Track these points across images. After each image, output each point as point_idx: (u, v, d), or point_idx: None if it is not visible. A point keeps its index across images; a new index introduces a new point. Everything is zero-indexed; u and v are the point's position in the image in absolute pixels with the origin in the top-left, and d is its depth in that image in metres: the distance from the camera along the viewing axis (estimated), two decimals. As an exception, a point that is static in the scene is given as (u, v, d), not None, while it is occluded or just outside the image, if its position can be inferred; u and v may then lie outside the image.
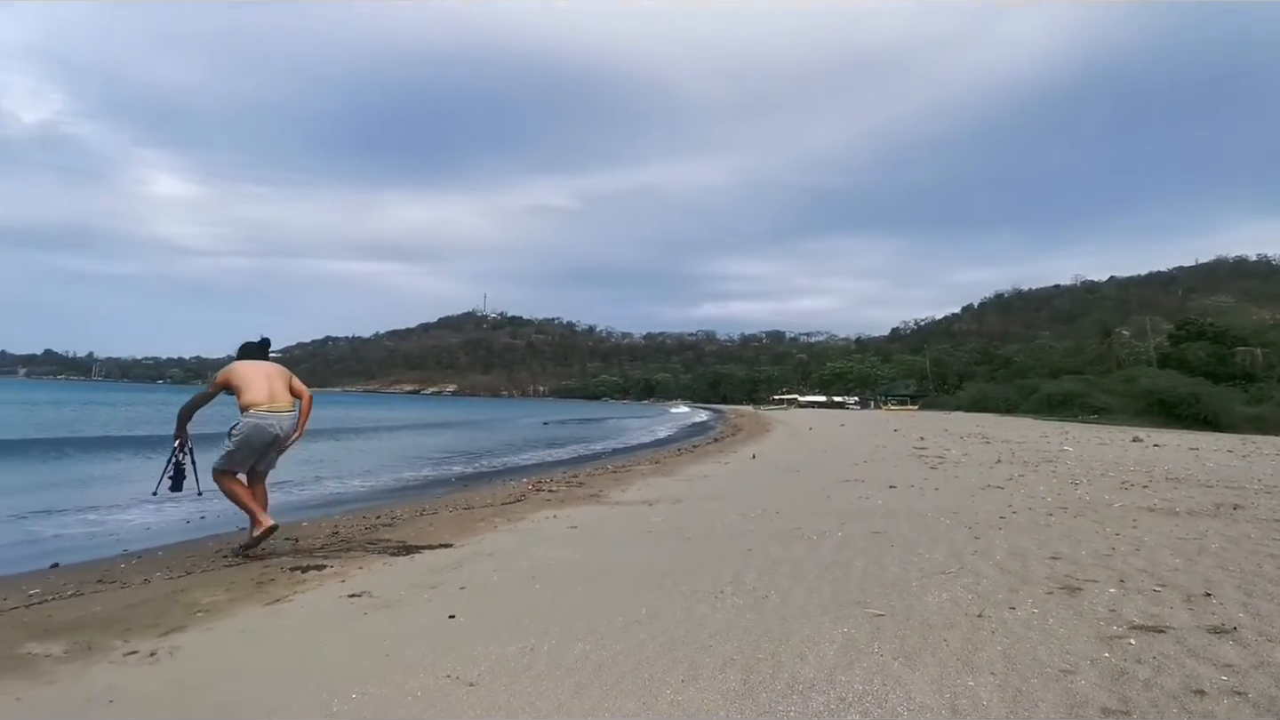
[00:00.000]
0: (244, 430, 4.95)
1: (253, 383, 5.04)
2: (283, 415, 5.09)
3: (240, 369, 5.13)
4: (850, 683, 2.46)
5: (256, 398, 4.98)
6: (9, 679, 2.75)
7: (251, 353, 5.42)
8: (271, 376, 5.17)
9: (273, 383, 5.13)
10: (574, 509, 7.18)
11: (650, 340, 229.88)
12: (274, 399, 5.06)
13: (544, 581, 4.06)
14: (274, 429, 5.02)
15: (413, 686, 2.46)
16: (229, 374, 5.11)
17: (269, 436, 5.03)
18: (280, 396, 5.13)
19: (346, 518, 7.44)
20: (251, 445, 5.01)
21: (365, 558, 4.98)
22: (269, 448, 5.14)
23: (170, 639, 3.18)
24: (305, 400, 5.31)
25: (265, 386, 5.06)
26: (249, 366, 5.18)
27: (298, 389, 5.30)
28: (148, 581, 4.60)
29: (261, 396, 5.01)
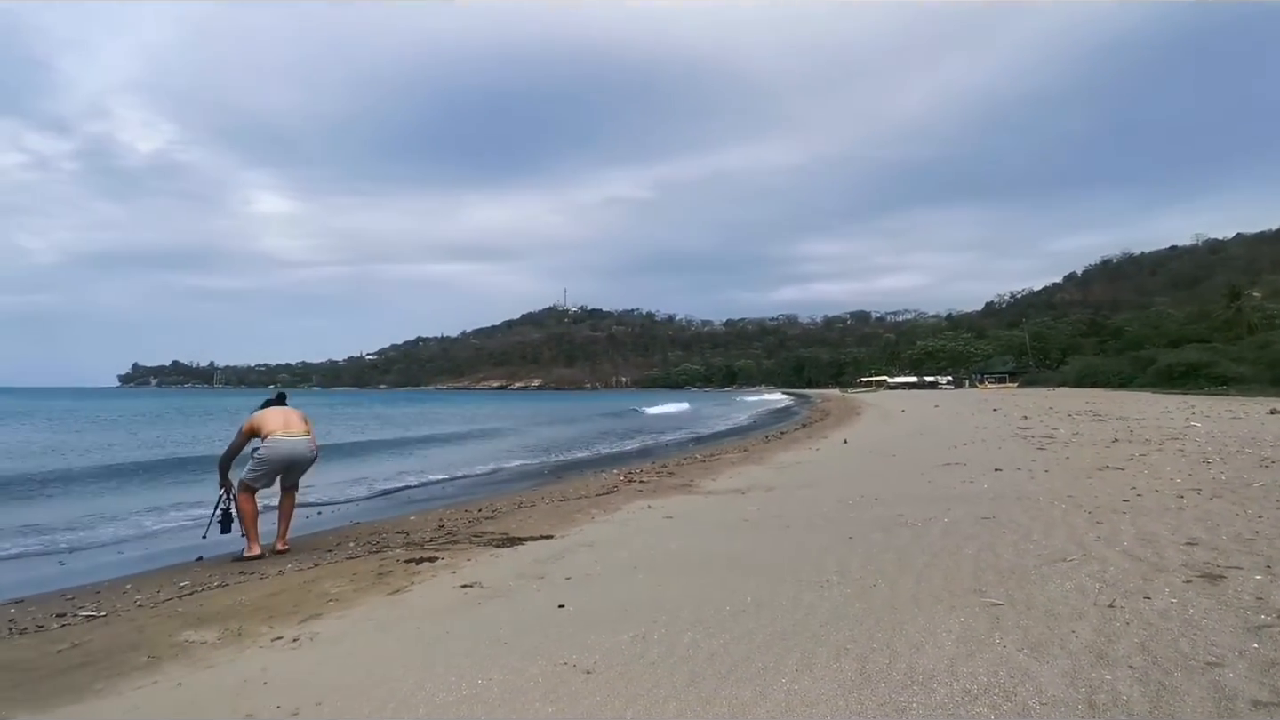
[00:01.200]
0: (264, 453, 5.85)
1: (270, 420, 5.98)
2: (296, 439, 5.98)
3: (261, 415, 6.05)
4: (974, 674, 2.38)
5: (273, 428, 5.92)
6: (170, 665, 3.05)
7: (271, 404, 6.29)
8: (287, 414, 6.10)
9: (287, 417, 6.07)
10: (667, 499, 7.24)
11: (731, 327, 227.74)
12: (288, 427, 5.99)
13: (646, 571, 4.13)
14: (288, 448, 5.93)
15: (533, 673, 2.56)
16: (253, 421, 5.99)
17: (284, 453, 5.91)
18: (294, 425, 6.04)
19: (450, 511, 7.80)
20: (271, 464, 5.89)
21: (472, 549, 5.21)
22: (287, 466, 6.00)
23: (309, 626, 3.44)
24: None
25: (281, 420, 6.01)
26: (269, 411, 6.10)
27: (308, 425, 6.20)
28: (281, 573, 4.98)
29: (277, 426, 5.94)
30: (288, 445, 5.88)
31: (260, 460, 5.81)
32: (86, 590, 4.95)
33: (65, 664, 3.19)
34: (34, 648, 3.54)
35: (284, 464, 5.93)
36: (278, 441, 5.82)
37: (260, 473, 5.84)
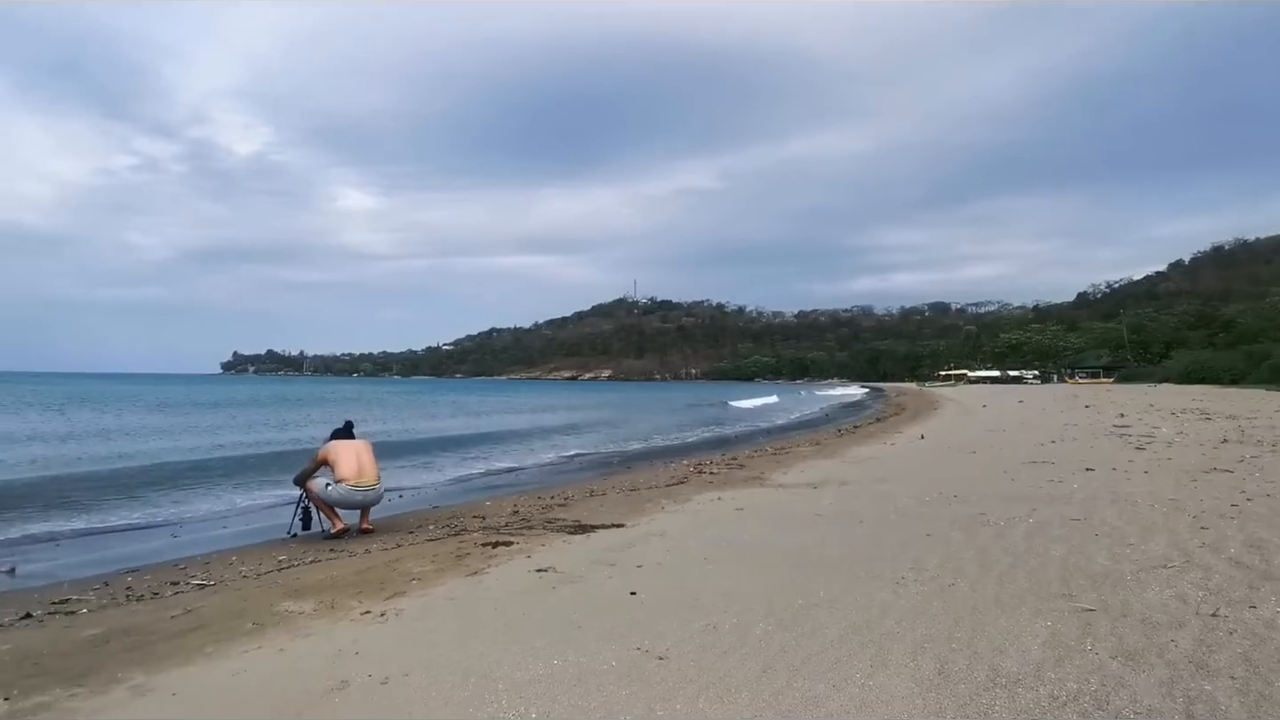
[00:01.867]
0: (336, 497, 6.17)
1: (344, 460, 6.24)
2: (367, 490, 6.26)
3: (335, 448, 6.35)
4: (1062, 680, 2.29)
5: (346, 473, 6.18)
6: (273, 632, 3.27)
7: (340, 434, 6.63)
8: (360, 452, 6.37)
9: (360, 458, 6.32)
10: (737, 491, 7.21)
11: (802, 318, 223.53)
12: (361, 474, 6.24)
13: (716, 562, 4.14)
14: (359, 499, 6.25)
15: (606, 656, 2.62)
16: (327, 452, 6.33)
17: (356, 502, 6.26)
18: (367, 471, 6.29)
19: (524, 497, 8.01)
20: (343, 506, 6.23)
21: (546, 535, 5.34)
22: (355, 509, 6.33)
23: (394, 602, 3.62)
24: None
25: (354, 464, 6.24)
26: (342, 445, 6.40)
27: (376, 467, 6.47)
28: (368, 552, 5.25)
29: (350, 472, 6.19)
30: (359, 497, 6.24)
31: (333, 500, 6.17)
32: (196, 561, 5.36)
33: (179, 628, 3.47)
34: (150, 613, 3.86)
35: (355, 508, 6.29)
36: (350, 493, 6.17)
37: (329, 502, 6.19)
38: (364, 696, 2.37)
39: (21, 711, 2.44)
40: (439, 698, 2.32)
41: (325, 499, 6.14)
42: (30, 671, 2.90)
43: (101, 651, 3.13)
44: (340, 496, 6.15)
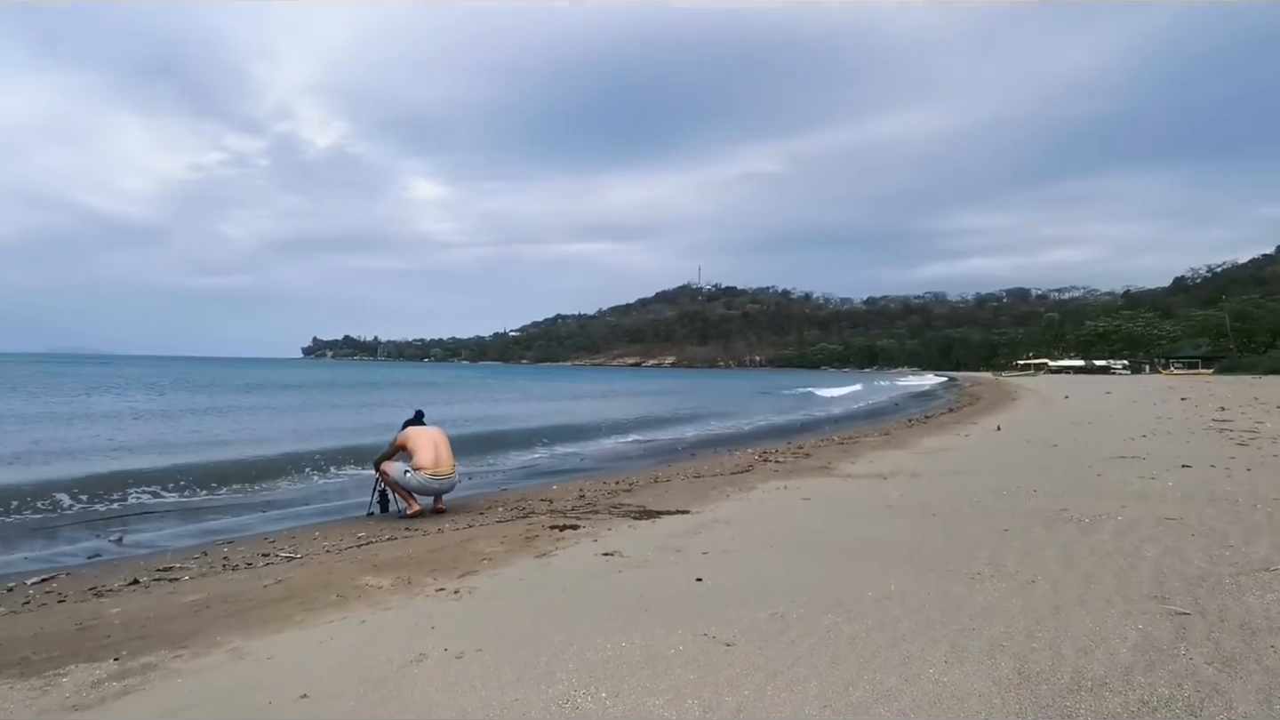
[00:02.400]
0: (415, 484, 6.37)
1: (422, 448, 6.45)
2: (444, 479, 6.49)
3: (412, 435, 6.57)
4: (1153, 685, 2.17)
5: (424, 462, 6.38)
6: (354, 605, 3.44)
7: (414, 422, 6.84)
8: (437, 442, 6.57)
9: (438, 448, 6.52)
10: (804, 480, 7.12)
11: (871, 305, 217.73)
12: (439, 463, 6.44)
13: (783, 551, 4.10)
14: (436, 487, 6.48)
15: (673, 641, 2.64)
16: (405, 439, 6.55)
17: (433, 489, 6.49)
18: (444, 460, 6.49)
19: (589, 482, 8.12)
20: (421, 492, 6.46)
21: (611, 520, 5.41)
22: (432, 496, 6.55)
23: (467, 580, 3.74)
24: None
25: (432, 453, 6.45)
26: (419, 432, 6.61)
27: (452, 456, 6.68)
28: (441, 532, 5.44)
29: (428, 461, 6.39)
30: (436, 485, 6.45)
31: (412, 486, 6.39)
32: (283, 535, 5.68)
33: (270, 597, 3.69)
34: (244, 582, 4.12)
35: (432, 495, 6.52)
36: (427, 482, 6.38)
37: (411, 490, 6.42)
38: (441, 670, 2.47)
39: (130, 671, 2.65)
40: (511, 674, 2.39)
41: (403, 484, 6.37)
42: (138, 634, 3.15)
43: (202, 616, 3.36)
44: (418, 484, 6.35)
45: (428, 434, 6.62)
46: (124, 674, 2.61)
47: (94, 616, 3.47)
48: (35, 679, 2.61)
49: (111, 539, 5.82)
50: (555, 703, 2.16)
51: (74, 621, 3.41)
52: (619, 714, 2.08)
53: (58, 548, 5.60)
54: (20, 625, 3.44)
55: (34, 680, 2.59)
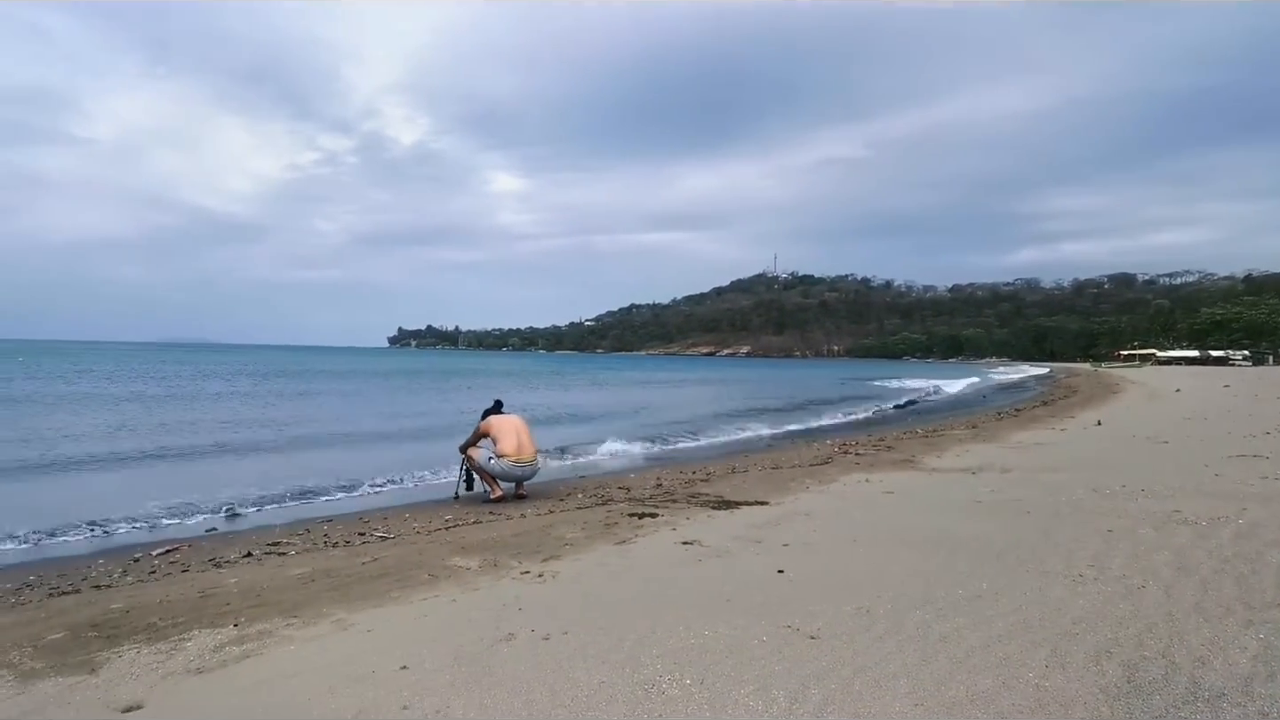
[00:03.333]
0: (498, 471, 6.57)
1: (505, 436, 6.64)
2: (526, 465, 6.63)
3: (495, 423, 6.78)
4: (1274, 697, 2.01)
5: (507, 449, 6.57)
6: (445, 584, 3.58)
7: (494, 410, 7.08)
8: (519, 430, 6.75)
9: (520, 436, 6.69)
10: (886, 473, 6.92)
11: (956, 293, 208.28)
12: (521, 450, 6.62)
13: (866, 545, 4.01)
14: (518, 473, 6.63)
15: (757, 631, 2.63)
16: (488, 426, 6.76)
17: (514, 477, 6.66)
18: (526, 448, 6.65)
19: (666, 471, 8.16)
20: (503, 479, 6.63)
21: (690, 509, 5.42)
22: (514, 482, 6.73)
23: (550, 564, 3.84)
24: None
25: (515, 441, 6.63)
26: (502, 421, 6.83)
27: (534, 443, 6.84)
28: (524, 516, 5.60)
29: (511, 448, 6.58)
30: (518, 472, 6.61)
31: (495, 472, 6.59)
32: (377, 516, 5.97)
33: (368, 573, 3.89)
34: (344, 559, 4.37)
35: (514, 481, 6.69)
36: (510, 468, 6.57)
37: (495, 475, 6.62)
38: (529, 650, 2.55)
39: (248, 637, 2.86)
40: (597, 657, 2.44)
41: (487, 470, 6.60)
42: (253, 602, 3.39)
43: (309, 589, 3.59)
44: (502, 470, 6.55)
45: (510, 422, 6.82)
46: (242, 639, 2.82)
47: (214, 585, 3.76)
48: (162, 643, 2.84)
49: (223, 514, 6.28)
50: (641, 687, 2.20)
51: (196, 590, 3.71)
52: (705, 701, 2.10)
53: (178, 521, 6.08)
54: (148, 593, 3.77)
55: (160, 644, 2.83)
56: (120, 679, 2.47)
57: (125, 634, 2.96)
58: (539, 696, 2.16)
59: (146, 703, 2.26)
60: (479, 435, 6.81)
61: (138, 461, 9.36)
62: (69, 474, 8.43)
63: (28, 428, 12.40)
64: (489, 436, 6.74)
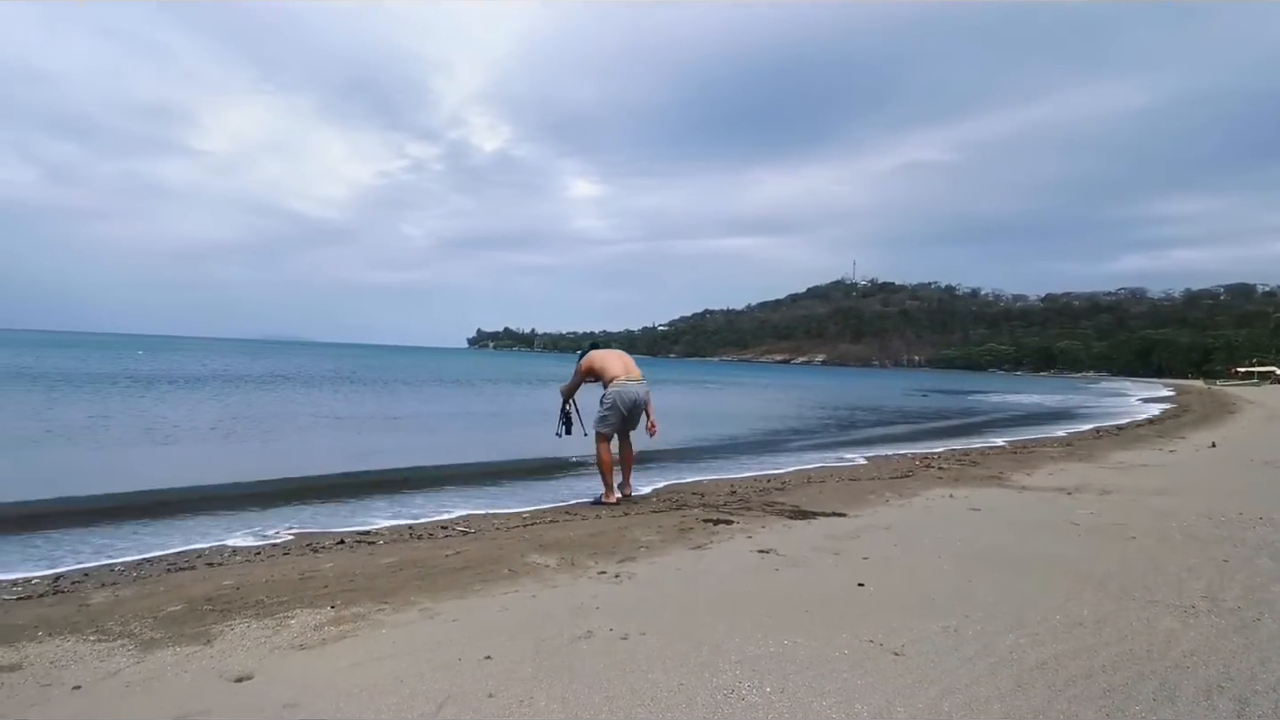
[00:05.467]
0: (611, 398, 6.33)
1: (610, 363, 6.47)
2: (638, 384, 6.41)
3: (596, 356, 6.56)
4: None
5: (616, 372, 6.39)
6: (524, 580, 3.68)
7: (597, 344, 6.88)
8: (621, 357, 6.57)
9: (624, 360, 6.53)
10: (971, 489, 6.64)
11: (1050, 302, 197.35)
12: (628, 371, 6.43)
13: (951, 563, 3.87)
14: (632, 392, 6.35)
15: (838, 644, 2.58)
16: (589, 361, 6.54)
17: (629, 400, 6.34)
18: (632, 369, 6.46)
19: (740, 479, 8.09)
20: (618, 409, 6.34)
21: (765, 518, 5.36)
22: (631, 409, 6.38)
23: (626, 566, 3.88)
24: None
25: (620, 364, 6.47)
26: (601, 353, 6.60)
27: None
28: (599, 518, 5.67)
29: (619, 371, 6.40)
30: (632, 390, 6.32)
31: (608, 404, 6.31)
32: (458, 511, 6.17)
33: (451, 566, 4.04)
34: (428, 550, 4.54)
35: (628, 407, 6.35)
36: (623, 386, 6.29)
37: (609, 417, 6.35)
38: (607, 648, 2.59)
39: (344, 619, 3.02)
40: (674, 660, 2.46)
41: (602, 421, 6.37)
42: (348, 587, 3.58)
43: (397, 577, 3.76)
44: (614, 396, 6.27)
45: (610, 352, 6.63)
46: (339, 620, 2.99)
47: (312, 569, 3.99)
48: (269, 619, 3.04)
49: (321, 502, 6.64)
50: (720, 692, 2.20)
51: (297, 572, 3.94)
52: (785, 710, 2.08)
53: (278, 508, 6.47)
54: (254, 573, 4.03)
55: (267, 620, 3.03)
56: (232, 650, 2.66)
57: (236, 609, 3.19)
58: (619, 693, 2.19)
59: (256, 674, 2.43)
60: (581, 375, 6.57)
61: (242, 450, 10.03)
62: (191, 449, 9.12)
63: (144, 412, 13.50)
64: (593, 372, 6.49)
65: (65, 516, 5.65)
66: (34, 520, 5.47)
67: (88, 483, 7.14)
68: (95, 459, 8.99)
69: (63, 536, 5.04)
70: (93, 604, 3.38)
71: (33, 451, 9.19)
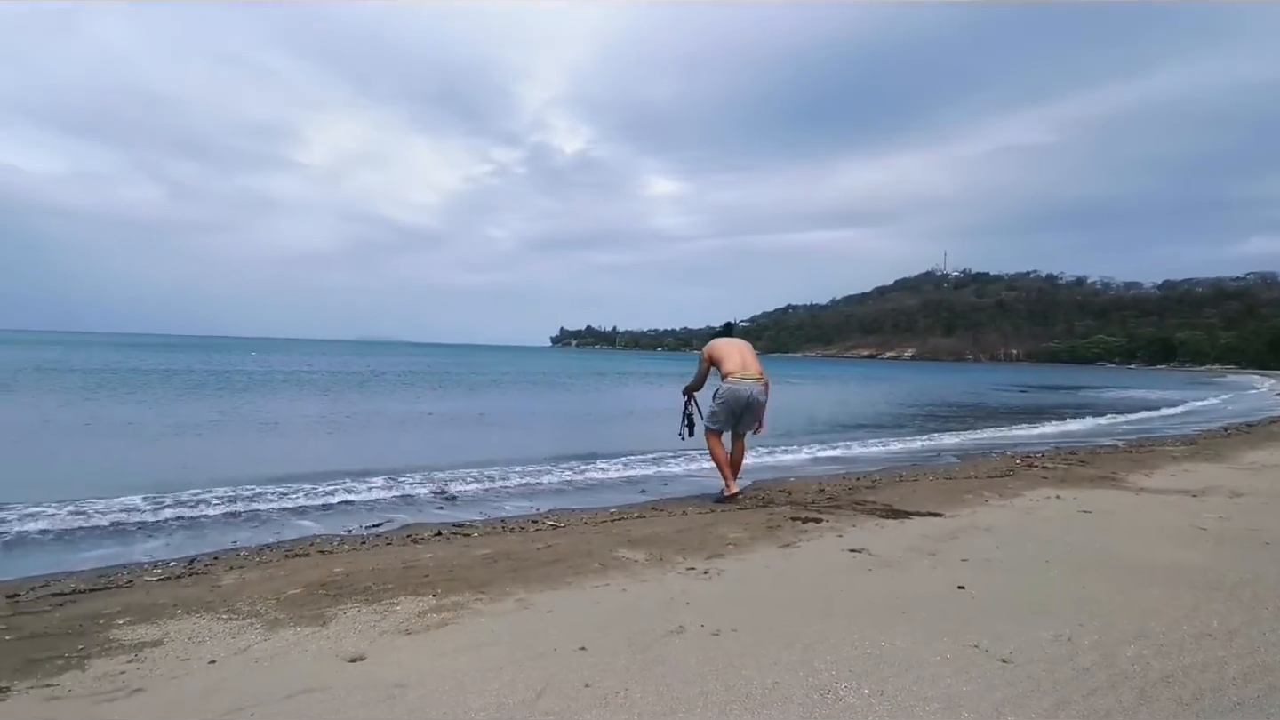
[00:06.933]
0: (724, 395, 6.16)
1: (728, 356, 6.28)
2: (753, 382, 6.17)
3: (718, 344, 6.40)
4: None
5: (732, 368, 6.19)
6: (615, 574, 3.73)
7: (721, 333, 6.68)
8: (742, 350, 6.36)
9: (744, 354, 6.31)
10: (1081, 491, 6.25)
11: (1167, 290, 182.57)
12: (745, 368, 6.20)
13: (1061, 568, 3.65)
14: (745, 391, 6.13)
15: (939, 648, 2.49)
16: (711, 349, 6.40)
17: (740, 399, 6.14)
18: (750, 366, 6.23)
19: (828, 477, 7.91)
20: (729, 407, 6.17)
21: (855, 516, 5.23)
22: (743, 408, 6.19)
23: (714, 562, 3.88)
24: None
25: (738, 358, 6.26)
26: (724, 343, 6.43)
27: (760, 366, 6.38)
28: (685, 514, 5.68)
29: (735, 366, 6.19)
30: (745, 388, 6.09)
31: (720, 401, 6.16)
32: (546, 505, 6.34)
33: (542, 559, 4.15)
34: (520, 543, 4.68)
35: (741, 406, 6.15)
36: (736, 384, 6.08)
37: (717, 414, 6.22)
38: (699, 644, 2.59)
39: (445, 606, 3.16)
40: (768, 658, 2.44)
41: (711, 417, 6.24)
42: (447, 576, 3.74)
43: (493, 568, 3.89)
44: (726, 394, 6.10)
45: (733, 343, 6.42)
46: (440, 608, 3.13)
47: (414, 559, 4.20)
48: (376, 605, 3.22)
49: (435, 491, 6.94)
50: (817, 691, 2.16)
51: (399, 561, 4.15)
52: (885, 713, 2.02)
53: (379, 497, 6.83)
54: (361, 560, 4.27)
55: (375, 606, 3.21)
56: (345, 632, 2.84)
57: (347, 594, 3.39)
58: (714, 689, 2.20)
59: (368, 655, 2.58)
60: (704, 369, 6.43)
61: (356, 448, 10.64)
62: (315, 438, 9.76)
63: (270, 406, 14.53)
64: (713, 363, 6.31)
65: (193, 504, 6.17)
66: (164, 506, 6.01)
67: (229, 470, 7.76)
68: (226, 448, 9.76)
69: (194, 520, 5.51)
70: (223, 585, 3.67)
71: (167, 443, 10.07)
